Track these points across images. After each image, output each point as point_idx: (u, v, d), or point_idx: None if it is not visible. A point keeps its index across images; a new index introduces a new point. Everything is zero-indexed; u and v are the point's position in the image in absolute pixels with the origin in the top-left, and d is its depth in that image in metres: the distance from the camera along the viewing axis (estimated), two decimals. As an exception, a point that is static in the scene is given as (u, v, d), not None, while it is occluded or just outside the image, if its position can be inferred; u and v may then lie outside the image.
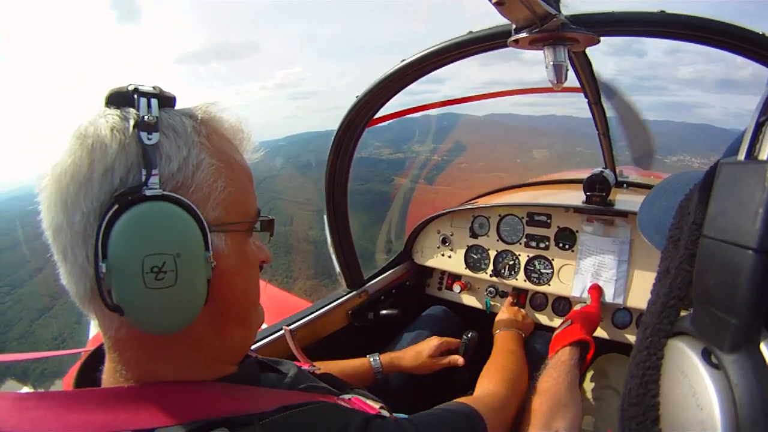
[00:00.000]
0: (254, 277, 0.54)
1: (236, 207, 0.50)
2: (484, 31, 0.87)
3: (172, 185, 0.44)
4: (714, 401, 0.25)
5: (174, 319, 0.43)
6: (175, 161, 0.45)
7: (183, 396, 0.46)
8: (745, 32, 0.72)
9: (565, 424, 0.82)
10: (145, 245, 0.41)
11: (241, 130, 0.55)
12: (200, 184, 0.46)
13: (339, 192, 1.30)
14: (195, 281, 0.43)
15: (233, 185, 0.49)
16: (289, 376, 0.64)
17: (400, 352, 1.16)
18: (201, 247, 0.44)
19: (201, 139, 0.47)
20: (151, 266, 0.40)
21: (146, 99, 0.45)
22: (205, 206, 0.46)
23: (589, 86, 1.43)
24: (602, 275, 1.31)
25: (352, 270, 1.43)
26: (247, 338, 0.56)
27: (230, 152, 0.51)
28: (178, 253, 0.42)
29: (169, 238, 0.42)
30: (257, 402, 0.50)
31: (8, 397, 0.41)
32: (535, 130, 19.84)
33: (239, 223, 0.50)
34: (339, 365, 1.06)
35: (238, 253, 0.50)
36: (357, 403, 0.66)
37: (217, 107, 0.52)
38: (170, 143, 0.45)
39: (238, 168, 0.52)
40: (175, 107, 0.49)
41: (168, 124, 0.46)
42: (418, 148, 15.49)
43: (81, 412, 0.40)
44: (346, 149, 1.24)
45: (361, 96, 1.12)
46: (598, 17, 0.77)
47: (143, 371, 0.46)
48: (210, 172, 0.47)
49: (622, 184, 1.79)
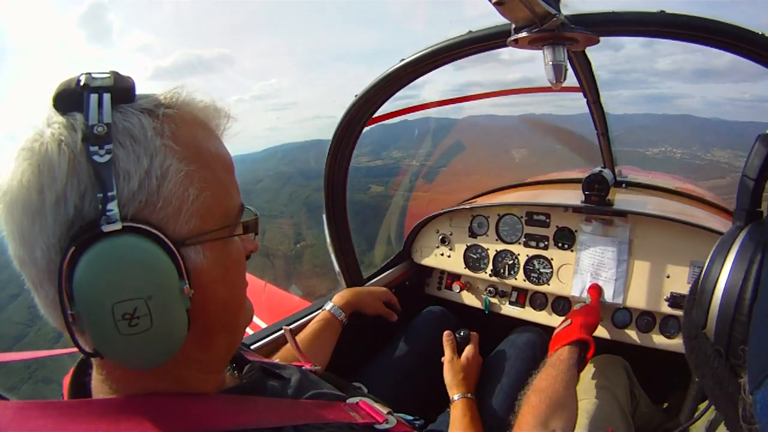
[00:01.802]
0: (240, 276, 0.50)
1: (214, 211, 0.44)
2: (484, 31, 0.87)
3: (135, 207, 0.39)
4: None
5: (156, 356, 0.41)
6: (135, 177, 0.38)
7: (185, 408, 0.45)
8: (744, 32, 0.72)
9: (561, 424, 0.82)
10: (112, 292, 0.37)
11: (216, 110, 0.48)
12: (168, 198, 0.40)
13: (338, 191, 1.30)
14: (173, 318, 0.40)
15: (209, 187, 0.43)
16: (292, 384, 0.62)
17: (355, 291, 1.30)
18: (173, 280, 0.39)
19: (165, 141, 0.41)
20: (122, 314, 0.37)
21: (98, 96, 0.38)
22: (176, 221, 0.41)
23: (589, 86, 1.43)
24: (601, 275, 1.32)
25: (352, 269, 1.43)
26: (234, 342, 0.53)
27: (204, 143, 0.45)
28: (149, 296, 0.37)
29: (137, 281, 0.37)
30: (263, 415, 0.50)
31: (10, 407, 0.41)
32: (514, 129, 19.97)
33: (218, 229, 0.45)
34: (308, 330, 1.13)
35: (220, 261, 0.45)
36: (365, 408, 0.65)
37: (186, 91, 0.46)
38: (127, 155, 0.38)
39: (215, 161, 0.45)
40: (134, 98, 0.42)
41: (123, 130, 0.39)
42: (396, 154, 15.46)
43: (82, 423, 0.40)
44: (345, 148, 1.24)
45: (360, 95, 1.12)
46: (597, 17, 0.77)
47: (134, 386, 0.45)
48: (179, 180, 0.41)
49: (620, 183, 1.79)
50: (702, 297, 0.37)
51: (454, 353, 1.16)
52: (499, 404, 1.06)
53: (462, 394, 1.05)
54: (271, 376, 0.63)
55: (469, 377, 1.11)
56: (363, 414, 0.63)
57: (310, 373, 0.72)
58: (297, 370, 0.68)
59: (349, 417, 0.60)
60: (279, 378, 0.63)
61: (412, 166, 4.56)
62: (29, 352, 0.70)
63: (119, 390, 0.45)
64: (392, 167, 17.96)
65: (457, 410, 1.02)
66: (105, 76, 0.40)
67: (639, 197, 1.65)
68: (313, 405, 0.59)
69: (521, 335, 1.27)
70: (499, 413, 1.04)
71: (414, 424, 0.81)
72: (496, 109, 5.78)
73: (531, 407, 0.85)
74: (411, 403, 1.09)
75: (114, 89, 0.39)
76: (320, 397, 0.63)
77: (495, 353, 1.24)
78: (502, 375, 1.14)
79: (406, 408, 0.83)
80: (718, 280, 0.35)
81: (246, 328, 0.56)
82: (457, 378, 1.10)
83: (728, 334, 0.33)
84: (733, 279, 0.34)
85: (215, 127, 0.48)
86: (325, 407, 0.59)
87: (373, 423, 0.62)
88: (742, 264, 0.34)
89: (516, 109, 5.90)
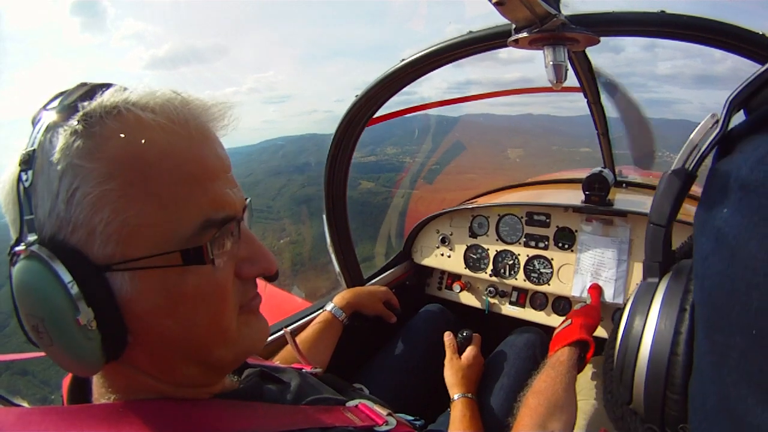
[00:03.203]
0: (211, 310, 0.43)
1: (142, 235, 0.39)
2: (484, 31, 0.87)
3: (51, 230, 0.38)
4: None
5: (75, 368, 0.41)
6: (47, 202, 0.38)
7: (185, 414, 0.45)
8: (745, 32, 0.71)
9: (560, 425, 0.82)
10: (21, 304, 0.39)
11: (181, 105, 0.42)
12: (77, 221, 0.38)
13: (338, 192, 1.30)
14: (71, 342, 0.38)
15: (134, 207, 0.38)
16: (292, 388, 0.61)
17: (356, 292, 1.29)
18: (65, 310, 0.37)
19: (76, 160, 0.37)
20: (30, 324, 0.39)
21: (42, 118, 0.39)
22: (92, 246, 0.38)
23: (589, 86, 1.44)
24: (602, 275, 1.32)
25: (352, 270, 1.43)
26: (211, 373, 0.48)
27: (146, 154, 0.39)
28: (41, 318, 0.38)
29: (29, 303, 0.38)
30: (261, 420, 0.49)
31: (12, 413, 0.41)
32: (510, 129, 19.54)
33: (151, 256, 0.39)
34: (309, 331, 1.12)
35: (162, 292, 0.40)
36: (364, 411, 0.64)
37: (138, 90, 0.41)
38: (43, 179, 0.38)
39: (159, 174, 0.39)
40: (73, 115, 0.39)
41: (45, 153, 0.38)
42: (391, 150, 15.35)
43: (83, 428, 0.40)
44: (345, 149, 1.24)
45: (360, 95, 1.12)
46: (598, 17, 0.77)
47: (135, 391, 0.45)
48: (88, 202, 0.37)
49: (621, 183, 1.79)
50: (623, 374, 0.31)
51: (456, 353, 1.16)
52: (499, 404, 1.06)
53: (462, 393, 1.05)
54: (270, 380, 0.62)
55: (470, 377, 1.11)
56: (362, 417, 0.62)
57: (309, 377, 0.72)
58: (297, 373, 0.67)
59: (348, 421, 0.59)
60: (278, 382, 0.63)
61: (407, 163, 4.54)
62: (29, 353, 0.70)
63: (119, 394, 0.45)
64: (385, 164, 17.82)
65: (457, 410, 1.02)
66: (59, 97, 0.40)
67: (639, 197, 1.65)
68: (312, 410, 0.58)
69: (521, 335, 1.27)
70: (499, 413, 1.04)
71: (414, 424, 0.81)
72: (494, 108, 5.79)
73: (529, 409, 0.85)
74: (411, 403, 1.09)
75: (56, 109, 0.39)
76: (319, 402, 0.62)
77: (495, 353, 1.24)
78: (503, 375, 1.13)
79: (407, 408, 0.83)
80: (638, 352, 0.30)
81: (245, 358, 0.51)
82: (457, 377, 1.10)
83: (661, 412, 0.29)
84: (658, 349, 0.29)
85: (182, 123, 0.41)
86: (324, 412, 0.59)
87: (372, 426, 0.62)
88: (665, 330, 0.29)
89: (515, 108, 5.90)
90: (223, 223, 0.42)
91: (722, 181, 0.26)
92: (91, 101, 0.39)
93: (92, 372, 0.41)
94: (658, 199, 0.32)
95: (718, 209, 0.25)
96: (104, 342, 0.39)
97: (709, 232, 0.26)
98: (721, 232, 0.24)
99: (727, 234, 0.24)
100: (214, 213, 0.42)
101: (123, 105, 0.40)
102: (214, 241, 0.41)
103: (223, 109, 0.45)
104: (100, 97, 0.40)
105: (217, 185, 0.43)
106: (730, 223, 0.24)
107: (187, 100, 0.43)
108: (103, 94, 0.40)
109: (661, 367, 0.28)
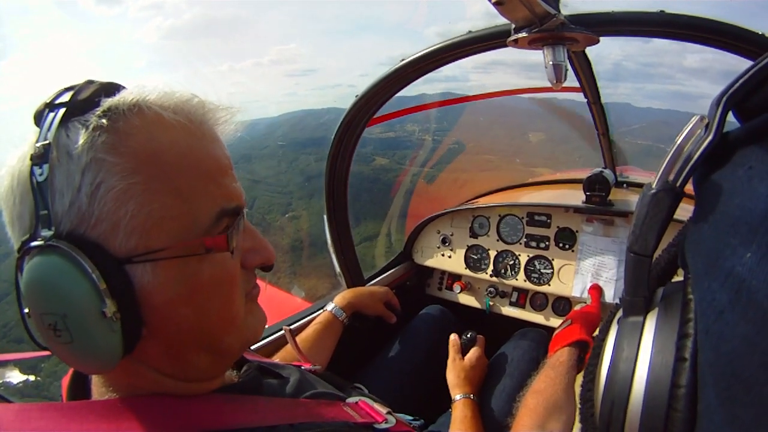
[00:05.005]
0: (218, 299, 0.45)
1: (164, 227, 0.40)
2: (484, 31, 0.87)
3: (70, 224, 0.38)
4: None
5: (92, 366, 0.41)
6: (67, 196, 0.38)
7: (184, 407, 0.45)
8: (745, 32, 0.72)
9: (559, 426, 0.81)
10: (38, 303, 0.38)
11: (198, 107, 0.44)
12: (101, 215, 0.38)
13: (339, 192, 1.30)
14: (93, 337, 0.38)
15: (158, 200, 0.40)
16: (291, 383, 0.62)
17: (357, 292, 1.29)
18: (89, 302, 0.37)
19: (100, 154, 0.38)
20: (47, 323, 0.38)
21: (54, 113, 0.39)
22: (115, 239, 0.39)
23: (589, 86, 1.43)
24: (602, 275, 1.31)
25: (352, 270, 1.43)
26: (220, 362, 0.50)
27: (166, 150, 0.41)
28: (63, 314, 0.37)
29: (49, 300, 0.37)
30: (261, 413, 0.49)
31: (11, 409, 0.41)
32: (534, 112, 19.26)
33: (171, 247, 0.40)
34: (309, 331, 1.12)
35: (181, 281, 0.42)
36: (364, 408, 0.64)
37: (161, 88, 0.43)
38: (62, 173, 0.38)
39: (179, 169, 0.41)
40: (89, 110, 0.40)
41: (62, 147, 0.38)
42: (411, 127, 15.07)
43: (83, 423, 0.40)
44: (345, 149, 1.24)
45: (360, 95, 1.12)
46: (597, 17, 0.77)
47: (135, 387, 0.45)
48: (112, 196, 0.38)
49: (621, 183, 1.79)
50: (611, 428, 0.27)
51: (459, 354, 1.16)
52: (501, 406, 1.06)
53: (464, 394, 1.05)
54: (269, 375, 0.63)
55: (472, 378, 1.11)
56: (362, 413, 0.62)
57: (309, 373, 0.72)
58: (296, 369, 0.68)
59: (347, 416, 0.59)
60: (277, 377, 0.63)
61: (425, 141, 4.46)
62: (29, 352, 0.71)
63: (120, 392, 0.45)
64: (403, 140, 17.49)
65: (458, 410, 1.02)
66: (70, 91, 0.40)
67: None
68: (312, 404, 0.58)
69: (525, 337, 1.27)
70: (500, 415, 1.03)
71: (414, 424, 0.81)
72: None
73: (529, 409, 0.84)
74: (411, 403, 1.09)
75: (70, 104, 0.39)
76: (319, 397, 0.62)
77: (498, 355, 1.23)
78: (505, 377, 1.13)
79: (407, 408, 0.83)
80: (628, 404, 0.26)
81: (248, 347, 0.53)
82: (459, 378, 1.10)
83: None
84: (654, 404, 0.25)
85: (198, 123, 0.44)
86: (324, 406, 0.59)
87: (372, 422, 0.62)
88: (662, 381, 0.25)
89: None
90: (235, 212, 0.45)
91: (731, 209, 0.22)
92: (113, 97, 0.41)
93: (108, 368, 0.41)
94: (642, 224, 0.27)
95: (731, 248, 0.21)
96: (123, 335, 0.40)
97: (722, 277, 0.21)
98: (744, 284, 0.19)
99: (752, 289, 0.19)
100: (227, 203, 0.44)
101: (144, 103, 0.41)
102: (230, 230, 0.44)
103: (230, 113, 0.47)
104: (121, 94, 0.41)
105: (227, 180, 0.46)
106: (756, 274, 0.19)
107: (203, 102, 0.45)
108: (125, 91, 0.42)
109: (658, 423, 0.24)
